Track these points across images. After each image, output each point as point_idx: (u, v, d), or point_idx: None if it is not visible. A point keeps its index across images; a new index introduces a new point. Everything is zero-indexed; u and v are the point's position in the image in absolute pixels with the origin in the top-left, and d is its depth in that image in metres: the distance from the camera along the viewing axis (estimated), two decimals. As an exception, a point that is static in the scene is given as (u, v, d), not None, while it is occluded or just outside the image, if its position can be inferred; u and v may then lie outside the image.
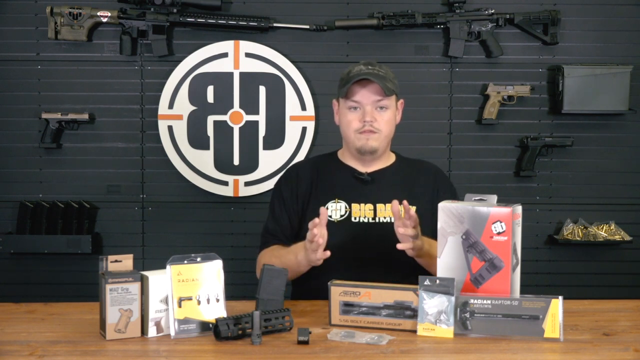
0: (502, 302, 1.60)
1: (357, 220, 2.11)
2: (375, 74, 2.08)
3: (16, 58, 3.30)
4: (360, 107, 2.10)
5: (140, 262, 3.20)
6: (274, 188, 2.28)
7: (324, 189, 2.16)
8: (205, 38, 3.30)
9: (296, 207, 2.17)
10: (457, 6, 3.24)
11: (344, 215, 2.12)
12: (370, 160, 2.17)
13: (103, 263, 1.64)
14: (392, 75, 2.14)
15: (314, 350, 1.53)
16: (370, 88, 2.08)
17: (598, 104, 3.27)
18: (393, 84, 2.12)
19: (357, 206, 2.12)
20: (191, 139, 3.30)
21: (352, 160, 2.19)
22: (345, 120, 2.14)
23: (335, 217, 2.11)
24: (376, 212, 2.11)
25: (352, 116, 2.12)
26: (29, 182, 3.32)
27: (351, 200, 2.13)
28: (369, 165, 2.18)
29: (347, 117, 2.13)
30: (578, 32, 3.34)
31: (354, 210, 2.12)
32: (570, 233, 3.30)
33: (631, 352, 1.53)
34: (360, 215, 2.11)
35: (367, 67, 2.11)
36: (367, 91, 2.09)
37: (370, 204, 2.12)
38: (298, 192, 2.18)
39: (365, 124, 2.09)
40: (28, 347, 1.55)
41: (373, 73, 2.08)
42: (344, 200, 2.13)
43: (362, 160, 2.17)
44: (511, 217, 1.64)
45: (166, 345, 1.58)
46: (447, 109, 3.35)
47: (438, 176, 2.23)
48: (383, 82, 2.07)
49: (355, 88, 2.09)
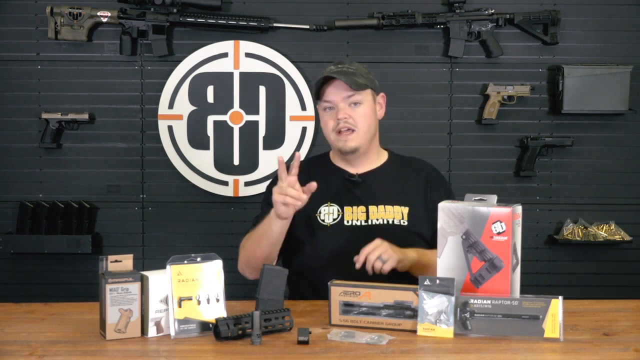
0: (502, 302, 1.60)
1: (349, 224, 2.09)
2: (343, 71, 2.08)
3: (16, 58, 3.30)
4: (333, 105, 2.10)
5: (140, 262, 3.20)
6: (266, 190, 2.26)
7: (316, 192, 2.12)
8: (205, 38, 3.30)
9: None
10: (457, 6, 3.25)
11: (336, 219, 2.10)
12: (358, 160, 2.16)
13: (103, 263, 1.64)
14: (364, 70, 2.13)
15: (314, 350, 1.53)
16: (338, 85, 2.08)
17: (598, 104, 3.27)
18: (365, 79, 2.10)
19: (349, 209, 2.10)
20: (191, 139, 3.30)
21: (342, 161, 2.18)
22: (323, 122, 2.15)
23: (328, 221, 2.10)
24: (369, 215, 2.10)
25: (327, 116, 2.12)
26: (29, 182, 3.32)
27: (344, 203, 2.11)
28: (359, 165, 2.17)
29: (323, 118, 2.14)
30: (578, 32, 3.34)
31: (346, 214, 2.10)
32: (570, 233, 3.30)
33: (631, 352, 1.53)
34: (352, 219, 2.10)
35: (336, 67, 2.11)
36: (335, 89, 2.09)
37: (363, 207, 2.10)
38: None
39: (340, 121, 2.08)
40: (28, 347, 1.55)
41: (340, 71, 2.08)
42: (337, 204, 2.11)
43: (349, 161, 2.16)
44: (511, 217, 1.64)
45: (166, 345, 1.58)
46: (447, 109, 3.35)
47: (431, 174, 2.21)
48: (351, 77, 2.06)
49: (325, 88, 2.10)
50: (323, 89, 2.11)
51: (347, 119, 2.08)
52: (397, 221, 2.09)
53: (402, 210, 2.10)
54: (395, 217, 2.09)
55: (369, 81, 2.12)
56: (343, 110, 2.08)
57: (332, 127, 2.11)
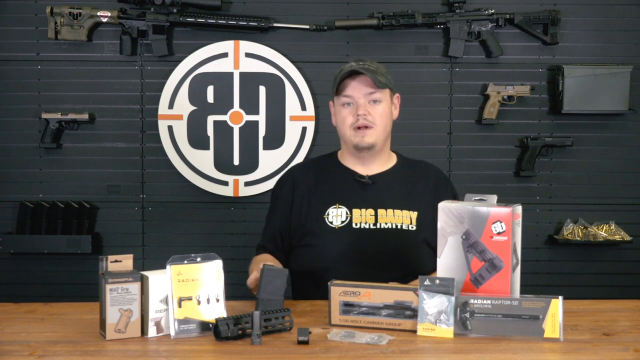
0: (502, 302, 1.60)
1: (358, 227, 2.08)
2: (366, 68, 2.08)
3: (16, 58, 3.30)
4: (353, 101, 2.09)
5: (140, 262, 3.20)
6: (271, 193, 2.26)
7: (325, 193, 2.13)
8: (205, 38, 3.30)
9: (290, 213, 2.14)
10: (457, 6, 3.25)
11: (344, 222, 2.08)
12: (370, 159, 2.15)
13: (103, 263, 1.64)
14: (384, 70, 2.13)
15: (314, 350, 1.53)
16: (361, 81, 2.08)
17: (598, 104, 3.27)
18: (385, 78, 2.10)
19: (358, 212, 2.09)
20: (191, 139, 3.30)
21: (352, 161, 2.17)
22: (340, 117, 2.12)
23: (336, 223, 2.08)
24: (377, 218, 2.08)
25: (346, 112, 2.10)
26: (29, 182, 3.32)
27: (352, 205, 2.10)
28: (369, 165, 2.16)
29: (341, 113, 2.12)
30: (578, 32, 3.34)
31: (355, 216, 2.08)
32: (570, 233, 3.30)
33: (631, 352, 1.53)
34: (361, 221, 2.08)
35: (357, 63, 2.10)
36: (358, 84, 2.08)
37: (372, 209, 2.09)
38: (294, 196, 2.15)
39: (359, 117, 2.07)
40: (28, 347, 1.55)
41: (363, 67, 2.08)
42: (345, 206, 2.09)
43: (361, 159, 2.15)
44: (511, 217, 1.64)
45: (166, 345, 1.57)
46: (447, 109, 3.35)
47: (439, 179, 2.20)
48: (374, 75, 2.06)
49: (347, 83, 2.09)
50: (344, 84, 2.09)
51: (366, 115, 2.07)
52: (406, 226, 2.08)
53: (410, 214, 2.10)
54: (404, 221, 2.08)
55: (388, 81, 2.12)
56: (363, 107, 2.08)
57: (351, 123, 2.09)
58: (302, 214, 2.12)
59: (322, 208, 2.09)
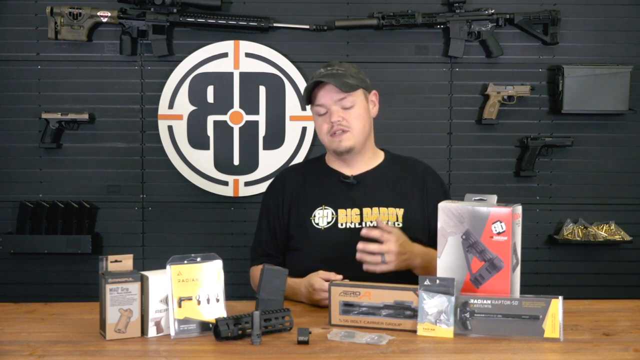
0: (502, 302, 1.60)
1: (343, 227, 2.08)
2: (332, 74, 2.07)
3: (16, 58, 3.30)
4: (326, 109, 2.09)
5: (140, 262, 3.20)
6: (262, 198, 2.26)
7: (310, 195, 2.14)
8: (205, 38, 3.30)
9: (281, 216, 2.15)
10: (457, 6, 3.25)
11: (330, 222, 2.09)
12: (353, 160, 2.15)
13: (103, 263, 1.64)
14: (354, 70, 2.12)
15: (314, 350, 1.53)
16: (329, 89, 2.07)
17: (598, 104, 3.27)
18: (356, 79, 2.09)
19: (343, 212, 2.09)
20: (191, 139, 3.30)
21: (337, 163, 2.17)
22: (317, 126, 2.14)
23: (322, 224, 2.09)
24: (362, 217, 2.09)
25: (321, 120, 2.11)
26: (29, 182, 3.32)
27: (337, 206, 2.10)
28: (354, 166, 2.15)
29: (317, 122, 2.13)
30: (578, 32, 3.34)
31: (340, 217, 2.09)
32: (570, 233, 3.30)
33: (631, 352, 1.53)
34: (346, 221, 2.09)
35: (325, 70, 2.10)
36: (326, 93, 2.08)
37: (357, 209, 2.09)
38: (284, 200, 2.16)
39: (334, 124, 2.08)
40: (28, 347, 1.55)
41: (329, 74, 2.07)
42: (331, 207, 2.10)
43: (345, 161, 2.15)
44: (511, 217, 1.64)
45: (166, 345, 1.58)
46: (447, 109, 3.35)
47: (427, 175, 2.19)
48: (340, 80, 2.05)
49: (316, 92, 2.10)
50: (314, 93, 2.10)
51: (340, 121, 2.08)
52: (392, 223, 2.08)
53: (396, 212, 2.09)
54: (390, 219, 2.08)
55: (360, 81, 2.10)
56: (336, 113, 2.07)
57: (327, 130, 2.10)
58: (291, 217, 2.14)
59: (308, 210, 2.11)
